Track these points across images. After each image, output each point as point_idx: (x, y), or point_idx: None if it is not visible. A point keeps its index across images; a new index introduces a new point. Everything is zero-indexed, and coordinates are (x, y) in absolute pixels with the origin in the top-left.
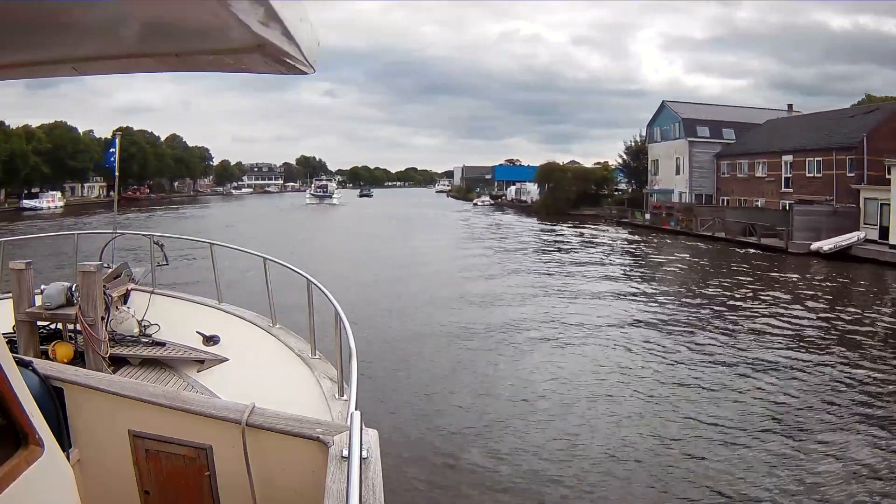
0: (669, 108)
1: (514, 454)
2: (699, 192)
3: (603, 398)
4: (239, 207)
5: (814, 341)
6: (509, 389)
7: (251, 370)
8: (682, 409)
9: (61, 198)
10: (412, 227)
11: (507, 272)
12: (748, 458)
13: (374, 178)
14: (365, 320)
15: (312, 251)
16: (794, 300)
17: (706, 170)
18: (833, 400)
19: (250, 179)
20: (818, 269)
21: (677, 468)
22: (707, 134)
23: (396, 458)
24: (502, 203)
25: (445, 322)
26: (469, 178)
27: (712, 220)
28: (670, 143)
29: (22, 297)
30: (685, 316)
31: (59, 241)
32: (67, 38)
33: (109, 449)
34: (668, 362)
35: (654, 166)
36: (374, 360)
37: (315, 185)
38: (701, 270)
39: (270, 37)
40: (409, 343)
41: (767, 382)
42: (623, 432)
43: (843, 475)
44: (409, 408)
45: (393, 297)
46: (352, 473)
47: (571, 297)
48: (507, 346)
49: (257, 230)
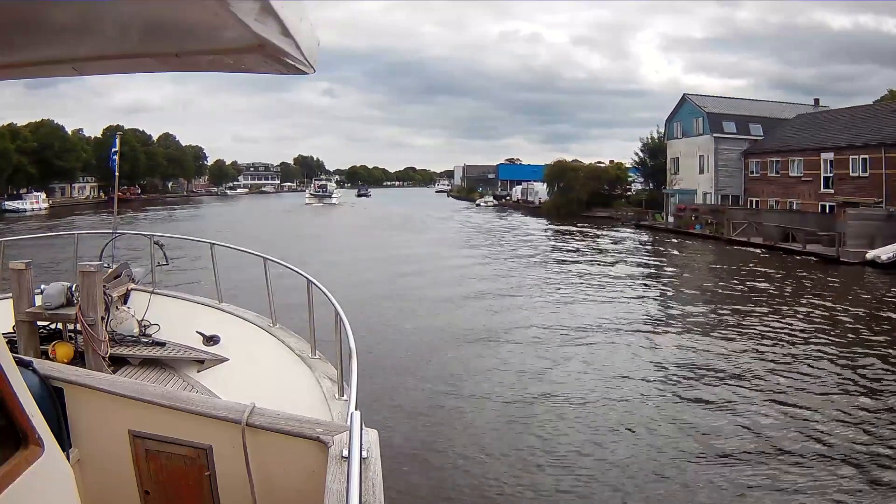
0: (692, 101)
1: (515, 455)
2: (725, 192)
3: (617, 410)
4: (231, 209)
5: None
6: (511, 391)
7: (251, 370)
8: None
9: (45, 199)
10: (416, 229)
11: (522, 278)
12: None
13: (373, 178)
14: (368, 321)
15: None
16: (871, 320)
17: (733, 168)
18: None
19: (246, 179)
20: (879, 281)
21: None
22: (733, 129)
23: (396, 458)
24: (507, 204)
25: (449, 324)
26: (470, 177)
27: (746, 224)
28: (693, 140)
29: (22, 297)
30: (741, 343)
31: (55, 241)
32: (67, 38)
33: (109, 449)
34: (731, 408)
35: (674, 165)
36: (374, 360)
37: (315, 185)
38: (745, 283)
39: (270, 37)
40: (410, 344)
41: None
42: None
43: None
44: (410, 408)
45: (399, 299)
46: (352, 473)
47: (592, 310)
48: (513, 350)
49: (253, 234)
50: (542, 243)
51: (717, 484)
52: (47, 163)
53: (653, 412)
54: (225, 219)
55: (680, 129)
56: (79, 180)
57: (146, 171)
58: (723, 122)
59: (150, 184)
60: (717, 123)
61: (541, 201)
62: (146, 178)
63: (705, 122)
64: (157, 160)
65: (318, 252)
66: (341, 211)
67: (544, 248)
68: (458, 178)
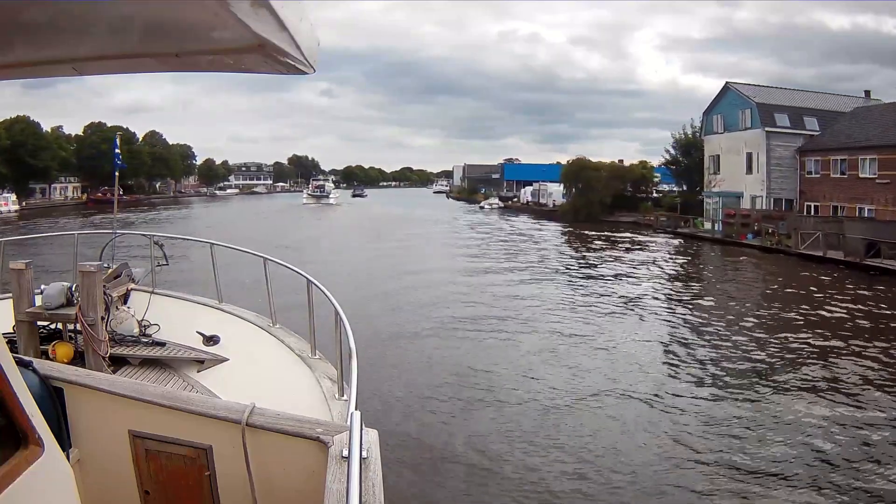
0: (737, 91)
1: (516, 455)
2: (778, 195)
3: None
4: (221, 211)
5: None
6: (514, 395)
7: (251, 370)
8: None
9: (15, 200)
10: (420, 236)
11: (542, 293)
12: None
13: (369, 178)
14: (372, 323)
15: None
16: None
17: (786, 168)
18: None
19: (238, 179)
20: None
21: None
22: (787, 123)
23: (396, 458)
24: (514, 206)
25: (456, 326)
26: (472, 177)
27: (817, 235)
28: (738, 135)
29: (22, 297)
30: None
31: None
32: (67, 38)
33: (109, 449)
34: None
35: (713, 163)
36: (375, 361)
37: (312, 186)
38: (853, 316)
39: (270, 37)
40: (413, 345)
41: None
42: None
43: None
44: (410, 408)
45: (409, 316)
46: (352, 473)
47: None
48: (520, 356)
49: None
50: (566, 254)
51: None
52: (20, 162)
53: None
54: (213, 219)
55: (721, 123)
56: (59, 180)
57: (130, 170)
58: (775, 113)
59: (136, 184)
60: (768, 116)
61: (555, 204)
62: (132, 179)
63: (754, 115)
64: (141, 159)
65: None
66: (340, 212)
67: (571, 259)
68: (458, 179)
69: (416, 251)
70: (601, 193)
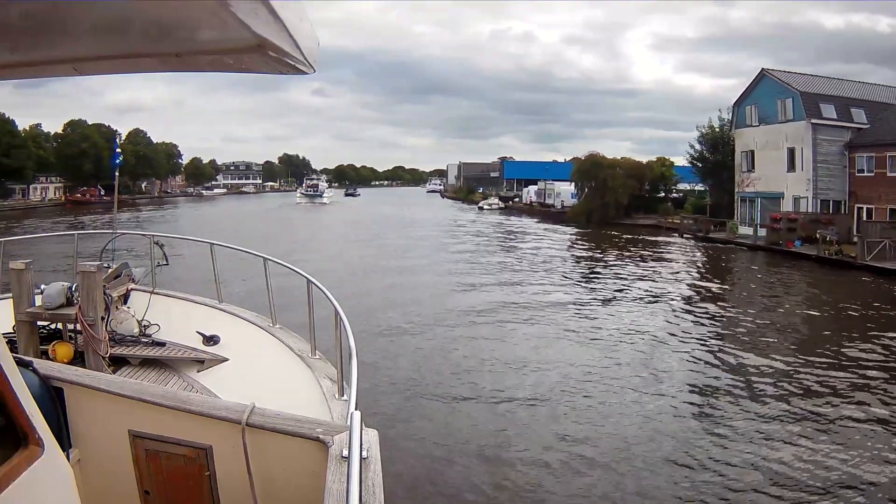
0: (775, 78)
1: (516, 456)
2: (825, 196)
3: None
4: (205, 211)
5: None
6: (514, 393)
7: (251, 370)
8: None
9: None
10: (419, 241)
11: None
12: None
13: (361, 177)
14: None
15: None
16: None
17: (833, 166)
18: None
19: (226, 178)
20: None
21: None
22: (833, 115)
23: (396, 458)
24: (516, 206)
25: (457, 328)
26: (468, 176)
27: (884, 243)
28: (777, 128)
29: (22, 297)
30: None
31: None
32: (67, 38)
33: (109, 449)
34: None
35: (746, 160)
36: (375, 361)
37: (306, 185)
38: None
39: (270, 37)
40: (414, 346)
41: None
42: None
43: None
44: (410, 408)
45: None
46: (352, 473)
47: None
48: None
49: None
50: (581, 265)
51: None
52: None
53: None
54: (199, 222)
55: (755, 115)
56: (39, 180)
57: (110, 169)
58: (821, 104)
59: (122, 184)
60: (813, 106)
61: (563, 205)
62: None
63: (797, 105)
64: (123, 158)
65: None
66: (333, 211)
67: (592, 272)
68: (453, 177)
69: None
70: (617, 193)
